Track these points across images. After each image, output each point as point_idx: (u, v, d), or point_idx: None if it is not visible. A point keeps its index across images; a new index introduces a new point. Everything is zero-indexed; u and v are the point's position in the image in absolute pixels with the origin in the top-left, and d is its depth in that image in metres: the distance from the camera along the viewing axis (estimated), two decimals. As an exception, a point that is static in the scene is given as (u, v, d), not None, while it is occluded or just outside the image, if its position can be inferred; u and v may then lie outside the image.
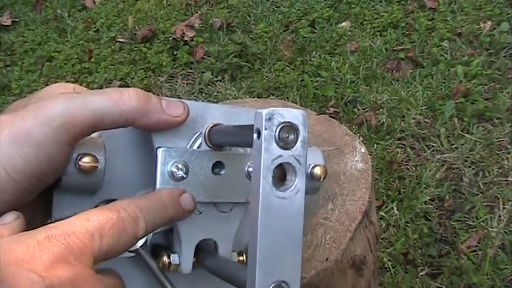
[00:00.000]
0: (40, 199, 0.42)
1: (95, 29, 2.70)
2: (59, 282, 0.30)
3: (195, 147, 0.44)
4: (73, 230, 0.33)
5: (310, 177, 0.48)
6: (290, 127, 0.34)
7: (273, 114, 0.33)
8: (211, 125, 0.45)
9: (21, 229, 0.37)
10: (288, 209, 0.34)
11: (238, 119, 0.47)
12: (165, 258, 0.44)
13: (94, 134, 0.43)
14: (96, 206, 0.43)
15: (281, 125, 0.33)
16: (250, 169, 0.46)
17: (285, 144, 0.34)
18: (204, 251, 0.46)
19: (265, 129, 0.33)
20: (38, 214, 0.43)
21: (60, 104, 0.38)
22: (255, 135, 0.34)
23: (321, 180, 0.49)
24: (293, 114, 0.34)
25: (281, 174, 0.35)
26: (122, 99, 0.39)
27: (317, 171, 0.48)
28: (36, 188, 0.39)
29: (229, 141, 0.44)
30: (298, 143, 0.34)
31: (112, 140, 0.44)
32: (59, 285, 0.30)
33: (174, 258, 0.44)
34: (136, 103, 0.39)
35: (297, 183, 0.34)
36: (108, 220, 0.35)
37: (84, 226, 0.33)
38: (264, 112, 0.33)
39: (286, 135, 0.34)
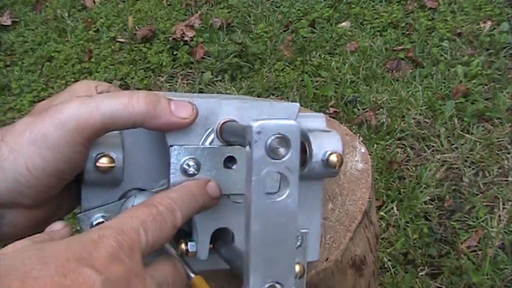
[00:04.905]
0: (66, 190, 0.45)
1: (95, 29, 2.69)
2: (114, 277, 0.34)
3: (207, 143, 0.46)
4: (122, 228, 0.37)
5: (326, 164, 0.48)
6: (281, 139, 0.35)
7: (263, 127, 0.34)
8: (223, 122, 0.46)
9: (68, 236, 0.40)
10: (280, 214, 0.36)
11: (250, 114, 0.47)
12: (183, 246, 0.46)
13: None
14: (121, 196, 0.47)
15: (272, 137, 0.34)
16: None
17: (276, 155, 0.35)
18: (221, 240, 0.48)
19: (255, 141, 0.34)
20: (65, 203, 0.48)
21: (74, 108, 0.41)
22: (247, 147, 0.35)
23: (337, 168, 0.48)
24: (284, 127, 0.35)
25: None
26: (131, 103, 0.42)
27: (333, 158, 0.47)
28: (58, 183, 0.43)
29: (236, 141, 0.45)
30: (289, 154, 0.35)
31: (133, 135, 0.47)
32: (114, 280, 0.34)
33: (192, 245, 0.47)
34: (144, 107, 0.42)
35: (289, 191, 0.36)
36: (149, 215, 0.39)
37: (130, 223, 0.37)
38: (255, 125, 0.34)
39: (277, 146, 0.35)
